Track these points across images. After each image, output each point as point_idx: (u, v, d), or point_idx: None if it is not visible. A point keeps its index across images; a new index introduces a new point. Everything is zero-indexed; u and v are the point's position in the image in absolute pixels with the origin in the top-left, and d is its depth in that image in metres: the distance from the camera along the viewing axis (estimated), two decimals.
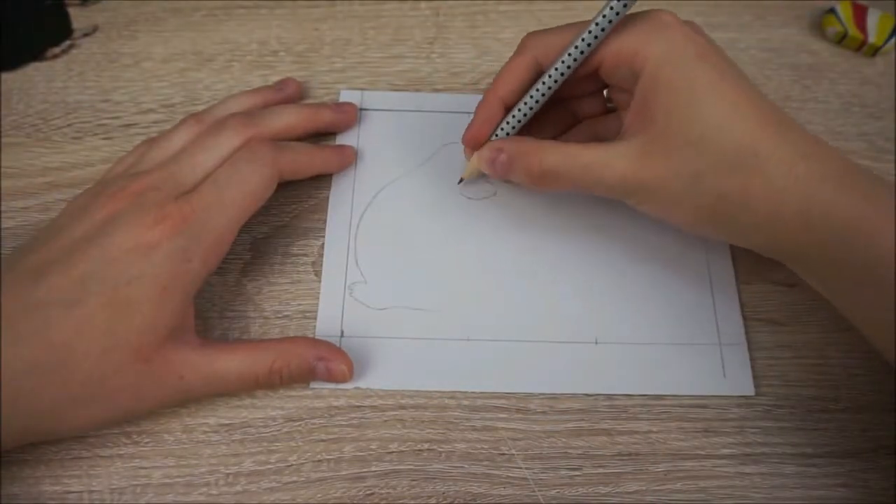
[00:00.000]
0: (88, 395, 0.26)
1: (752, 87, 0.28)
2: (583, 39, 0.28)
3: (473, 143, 0.32)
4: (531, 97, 0.30)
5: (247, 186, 0.29)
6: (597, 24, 0.28)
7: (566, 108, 0.34)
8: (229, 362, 0.28)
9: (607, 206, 0.34)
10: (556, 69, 0.29)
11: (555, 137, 0.34)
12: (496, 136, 0.32)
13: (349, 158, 0.35)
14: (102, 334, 0.26)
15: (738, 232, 0.28)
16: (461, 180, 0.35)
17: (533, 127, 0.32)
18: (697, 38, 0.28)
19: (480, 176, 0.34)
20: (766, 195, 0.26)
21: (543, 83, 0.30)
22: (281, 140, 0.32)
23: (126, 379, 0.26)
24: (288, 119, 0.33)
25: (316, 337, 0.32)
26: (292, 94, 0.36)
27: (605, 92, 0.33)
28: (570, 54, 0.29)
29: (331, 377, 0.30)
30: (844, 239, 0.25)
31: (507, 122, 0.31)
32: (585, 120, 0.34)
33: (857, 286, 0.26)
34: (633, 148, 0.28)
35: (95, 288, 0.26)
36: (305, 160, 0.33)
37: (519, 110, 0.31)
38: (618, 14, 0.28)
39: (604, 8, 0.28)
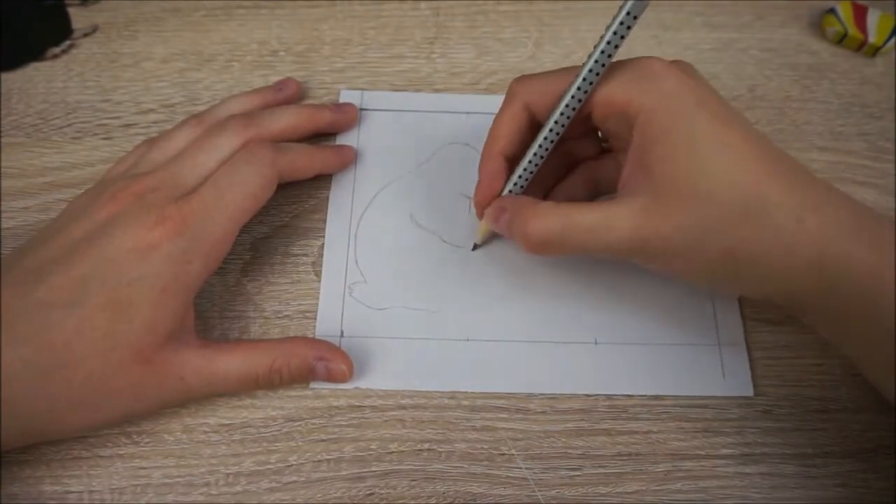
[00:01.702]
0: (88, 395, 0.26)
1: (755, 132, 0.27)
2: (578, 88, 0.27)
3: (484, 204, 0.31)
4: (535, 153, 0.29)
5: (247, 188, 0.29)
6: (591, 71, 0.27)
7: (563, 150, 0.32)
8: (229, 363, 0.28)
9: None
10: (557, 121, 0.28)
11: (556, 183, 0.33)
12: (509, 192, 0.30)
13: (349, 159, 0.35)
14: (102, 335, 0.26)
15: (749, 284, 0.27)
16: (475, 246, 0.33)
17: (534, 174, 0.30)
18: (693, 84, 0.26)
19: (494, 236, 0.33)
20: (776, 248, 0.25)
21: (546, 138, 0.29)
22: (281, 141, 0.32)
23: (126, 379, 0.26)
24: (288, 120, 0.33)
25: (316, 337, 0.32)
26: (292, 94, 0.36)
27: (600, 133, 0.32)
28: (567, 104, 0.28)
29: (331, 377, 0.30)
30: (859, 292, 0.24)
31: (515, 183, 0.30)
32: (583, 162, 0.33)
33: (870, 339, 0.25)
34: (635, 206, 0.26)
35: (96, 289, 0.26)
36: (305, 161, 0.33)
37: (525, 169, 0.30)
38: (610, 56, 0.26)
39: (595, 51, 0.27)
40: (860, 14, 0.40)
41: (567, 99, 0.28)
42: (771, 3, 0.42)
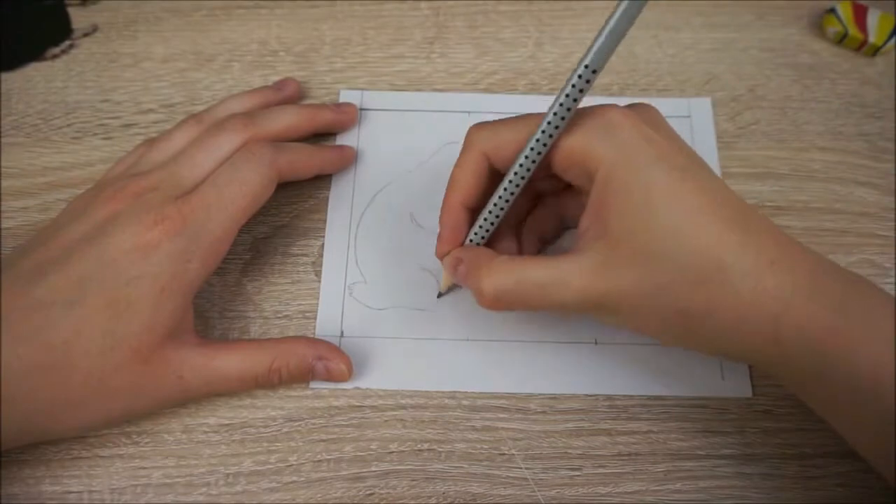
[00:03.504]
0: (87, 395, 0.26)
1: (716, 185, 0.25)
2: (538, 140, 0.26)
3: (444, 255, 0.30)
4: (496, 205, 0.28)
5: (246, 187, 0.29)
6: (549, 124, 0.25)
7: (528, 187, 0.29)
8: (229, 362, 0.28)
9: None
10: (517, 173, 0.27)
11: (520, 222, 0.32)
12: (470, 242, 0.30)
13: (349, 158, 0.35)
14: (102, 334, 0.26)
15: (707, 343, 0.26)
16: (439, 294, 0.33)
17: (496, 225, 0.29)
18: (652, 136, 0.25)
19: (457, 287, 0.33)
20: (733, 308, 0.24)
21: (506, 189, 0.28)
22: (281, 140, 0.32)
23: (125, 379, 0.26)
24: (288, 119, 0.33)
25: (316, 337, 0.32)
26: (292, 94, 0.36)
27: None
28: (526, 157, 0.26)
29: (330, 377, 0.30)
30: (818, 353, 0.24)
31: (476, 233, 0.29)
32: (550, 195, 0.32)
33: (833, 398, 0.25)
34: (589, 261, 0.25)
35: (95, 288, 0.26)
36: (305, 161, 0.33)
37: (486, 220, 0.29)
38: (569, 110, 0.25)
39: (555, 102, 0.25)
40: (860, 14, 0.40)
41: (526, 152, 0.26)
42: (771, 3, 0.42)
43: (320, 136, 0.36)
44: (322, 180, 0.35)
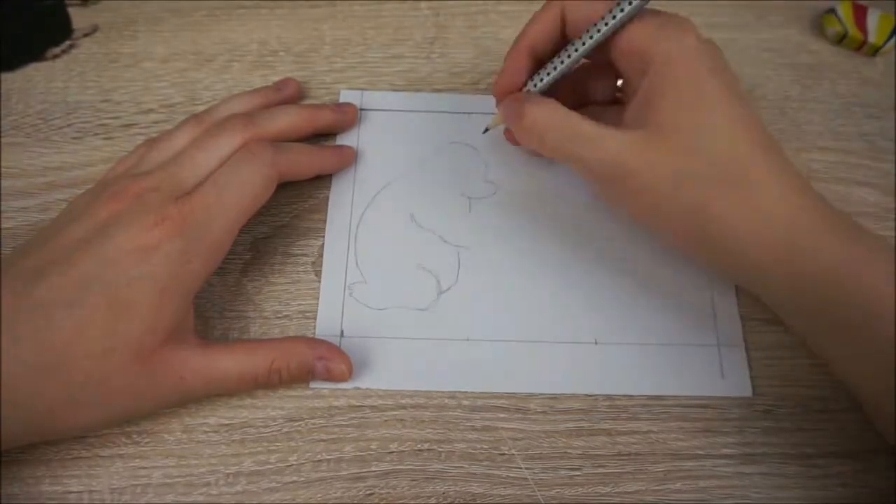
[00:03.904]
0: (88, 395, 0.26)
1: (755, 114, 0.28)
2: (616, 14, 0.28)
3: (504, 92, 0.32)
4: (566, 53, 0.30)
5: (246, 187, 0.29)
6: (630, 2, 0.28)
7: (579, 87, 0.34)
8: (228, 362, 0.28)
9: (608, 207, 0.34)
10: (597, 28, 0.29)
11: None
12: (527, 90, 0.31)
13: (348, 159, 0.35)
14: (102, 335, 0.26)
15: (712, 250, 0.28)
16: (486, 130, 0.34)
17: (557, 80, 0.31)
18: (714, 55, 0.28)
19: (500, 128, 0.34)
20: (750, 215, 0.26)
21: (582, 42, 0.29)
22: (281, 140, 0.32)
23: (125, 380, 0.26)
24: (288, 120, 0.33)
25: (316, 337, 0.32)
26: (292, 94, 0.36)
27: (619, 82, 0.33)
28: (612, 16, 0.28)
29: (330, 376, 0.30)
30: (830, 278, 0.25)
31: (536, 84, 0.31)
32: (591, 105, 0.34)
33: (836, 328, 0.26)
34: (631, 135, 0.27)
35: (95, 289, 0.26)
36: (305, 161, 0.33)
37: (548, 74, 0.30)
38: None
39: None
40: (860, 14, 0.40)
41: (605, 19, 0.28)
42: (771, 3, 0.42)
43: (320, 136, 0.36)
44: (322, 180, 0.35)
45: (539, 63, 0.31)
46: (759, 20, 0.41)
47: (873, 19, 0.40)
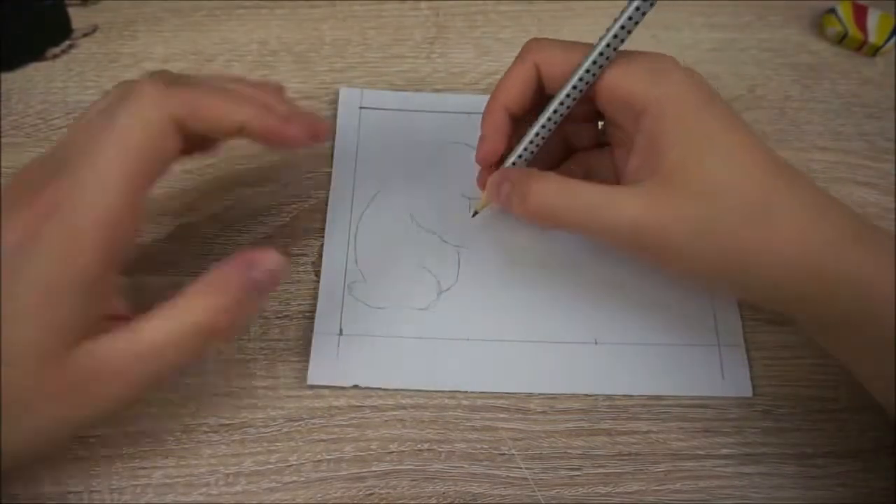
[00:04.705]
0: (21, 408, 0.23)
1: (759, 138, 0.27)
2: (594, 62, 0.27)
3: (488, 159, 0.30)
4: (549, 119, 0.29)
5: (125, 140, 0.23)
6: (608, 46, 0.27)
7: (561, 136, 0.32)
8: (154, 331, 0.23)
9: None
10: (575, 87, 0.28)
11: (551, 169, 0.31)
12: (513, 164, 0.30)
13: (315, 132, 0.27)
14: (4, 347, 0.22)
15: (745, 288, 0.27)
16: (475, 213, 0.33)
17: (540, 147, 0.30)
18: (703, 85, 0.27)
19: (495, 208, 0.33)
20: (778, 249, 0.25)
21: (561, 103, 0.28)
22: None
23: (51, 388, 0.23)
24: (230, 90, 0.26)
25: (315, 336, 0.31)
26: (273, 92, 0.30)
27: (600, 124, 0.32)
28: (588, 70, 0.27)
29: (272, 277, 0.25)
30: (858, 298, 0.24)
31: (520, 156, 0.30)
32: (578, 152, 0.33)
33: (868, 347, 0.25)
34: (643, 190, 0.26)
35: None
36: (215, 102, 0.25)
37: (531, 142, 0.29)
38: (632, 29, 0.26)
39: (615, 24, 0.27)
40: (860, 14, 0.40)
41: (586, 65, 0.27)
42: (771, 3, 0.42)
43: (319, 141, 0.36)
44: (322, 180, 0.35)
45: (518, 121, 0.30)
46: (759, 20, 0.41)
47: (873, 19, 0.40)
